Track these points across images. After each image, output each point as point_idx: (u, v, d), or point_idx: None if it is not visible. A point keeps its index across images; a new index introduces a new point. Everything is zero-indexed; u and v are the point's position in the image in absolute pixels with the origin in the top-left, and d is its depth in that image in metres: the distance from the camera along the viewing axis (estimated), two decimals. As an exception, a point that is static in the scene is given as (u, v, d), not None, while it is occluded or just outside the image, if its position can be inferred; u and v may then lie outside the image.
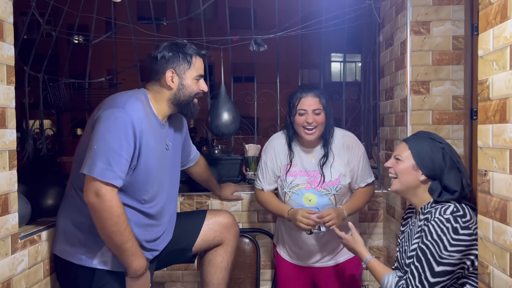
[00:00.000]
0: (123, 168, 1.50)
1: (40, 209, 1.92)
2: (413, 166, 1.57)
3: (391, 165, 1.63)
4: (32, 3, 2.36)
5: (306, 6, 2.86)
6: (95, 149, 1.47)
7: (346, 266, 2.08)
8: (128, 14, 2.86)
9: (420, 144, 1.58)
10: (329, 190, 1.95)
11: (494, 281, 1.12)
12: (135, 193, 1.61)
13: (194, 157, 2.09)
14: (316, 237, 1.99)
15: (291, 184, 1.99)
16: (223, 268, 1.95)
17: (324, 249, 2.03)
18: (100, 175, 1.45)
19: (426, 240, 1.45)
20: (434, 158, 1.54)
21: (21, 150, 2.38)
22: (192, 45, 1.71)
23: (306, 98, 1.92)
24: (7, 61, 1.44)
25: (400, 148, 1.64)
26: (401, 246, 1.67)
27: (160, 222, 1.73)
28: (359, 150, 2.01)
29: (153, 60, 1.67)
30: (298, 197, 1.97)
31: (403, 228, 1.73)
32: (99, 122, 1.52)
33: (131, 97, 1.59)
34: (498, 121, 1.08)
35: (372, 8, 2.56)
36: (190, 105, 1.71)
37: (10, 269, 1.46)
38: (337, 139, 2.00)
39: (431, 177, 1.56)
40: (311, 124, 1.90)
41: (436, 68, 2.10)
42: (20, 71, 1.98)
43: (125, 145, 1.50)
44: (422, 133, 1.67)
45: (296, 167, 2.00)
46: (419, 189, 1.58)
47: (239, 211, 2.53)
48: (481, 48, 1.16)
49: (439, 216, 1.46)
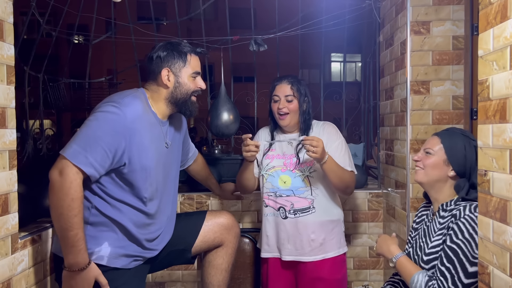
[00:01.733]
0: (98, 157, 1.47)
1: (40, 209, 1.92)
2: (444, 161, 1.53)
3: (420, 158, 1.59)
4: (32, 3, 2.36)
5: (306, 6, 2.86)
6: (78, 133, 1.48)
7: (326, 264, 1.99)
8: (128, 14, 2.86)
9: (454, 139, 1.54)
10: (303, 171, 1.97)
11: (494, 281, 1.12)
12: (137, 192, 1.61)
13: (192, 155, 2.10)
14: (292, 222, 1.96)
15: (267, 166, 2.03)
16: (223, 270, 1.95)
17: (299, 236, 1.96)
18: (71, 156, 1.44)
19: (457, 239, 1.40)
20: (467, 155, 1.50)
21: (21, 150, 2.38)
22: (187, 44, 1.73)
23: (280, 85, 2.00)
24: (7, 61, 1.44)
25: (431, 141, 1.58)
26: (415, 243, 1.62)
27: (157, 221, 1.73)
28: (338, 138, 2.00)
29: (149, 60, 1.69)
30: (274, 179, 2.01)
31: (417, 225, 1.68)
32: (92, 113, 1.53)
33: (129, 95, 1.60)
34: (498, 121, 1.08)
35: (372, 8, 2.56)
36: (188, 103, 1.71)
37: (10, 269, 1.46)
38: (316, 127, 2.04)
39: (460, 174, 1.52)
40: (282, 110, 1.97)
41: (436, 68, 2.10)
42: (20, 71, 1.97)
43: (109, 138, 1.49)
44: (455, 129, 1.61)
45: (274, 151, 2.05)
46: (445, 184, 1.54)
47: (239, 211, 2.53)
48: (481, 48, 1.16)
49: (469, 213, 1.42)
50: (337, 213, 2.05)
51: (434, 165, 1.54)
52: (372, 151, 3.17)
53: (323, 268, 1.98)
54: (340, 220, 2.07)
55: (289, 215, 1.97)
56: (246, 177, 2.08)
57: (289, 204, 1.97)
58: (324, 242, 1.97)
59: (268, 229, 2.05)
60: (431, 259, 1.48)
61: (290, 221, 1.97)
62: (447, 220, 1.49)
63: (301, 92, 1.98)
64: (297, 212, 1.96)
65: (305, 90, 2.02)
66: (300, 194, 1.97)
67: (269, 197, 2.03)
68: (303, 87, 2.01)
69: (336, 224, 2.03)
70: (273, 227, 2.03)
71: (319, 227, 1.97)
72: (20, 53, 2.11)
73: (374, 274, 2.58)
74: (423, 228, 1.63)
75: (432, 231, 1.55)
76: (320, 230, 1.97)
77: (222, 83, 2.63)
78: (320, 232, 1.97)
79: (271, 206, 2.03)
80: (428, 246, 1.51)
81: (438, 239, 1.49)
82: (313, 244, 1.97)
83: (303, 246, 1.97)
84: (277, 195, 2.00)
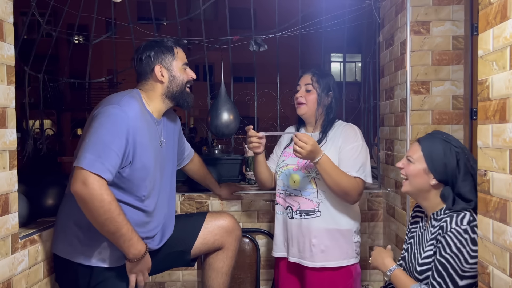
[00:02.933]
0: (112, 162, 1.49)
1: (40, 209, 1.92)
2: (424, 169, 1.48)
3: (403, 166, 1.56)
4: (32, 3, 2.36)
5: (306, 6, 2.86)
6: (87, 142, 1.48)
7: (327, 274, 1.91)
8: (128, 14, 2.86)
9: (434, 146, 1.48)
10: (310, 172, 1.91)
11: (494, 281, 1.12)
12: (135, 190, 1.62)
13: (188, 154, 2.11)
14: (297, 223, 1.92)
15: (281, 163, 2.01)
16: (223, 273, 1.95)
17: (302, 239, 1.91)
18: (88, 165, 1.44)
19: (445, 253, 1.38)
20: (447, 162, 1.45)
21: (21, 150, 2.38)
22: (169, 38, 1.78)
23: (303, 75, 2.01)
24: (7, 61, 1.44)
25: (412, 148, 1.54)
26: (410, 248, 1.60)
27: (155, 219, 1.73)
28: (354, 141, 1.89)
29: (138, 62, 1.71)
30: (285, 176, 1.98)
31: (411, 227, 1.66)
32: (95, 119, 1.54)
33: (126, 95, 1.62)
34: (498, 121, 1.08)
35: (372, 8, 2.56)
36: (184, 94, 1.76)
37: (10, 269, 1.46)
38: (337, 127, 1.97)
39: (443, 182, 1.47)
40: (299, 98, 1.97)
41: (436, 68, 2.10)
42: (20, 71, 1.98)
43: (117, 140, 1.51)
44: (437, 133, 1.54)
45: (291, 149, 1.94)
46: (430, 193, 1.50)
47: (239, 211, 2.53)
48: (481, 48, 1.16)
49: (456, 227, 1.38)
50: (346, 223, 1.91)
51: (415, 174, 1.50)
52: (372, 151, 3.17)
53: (323, 278, 1.90)
54: (351, 231, 1.92)
55: (295, 215, 1.92)
56: (258, 171, 2.04)
57: (296, 205, 1.92)
58: (326, 249, 1.88)
59: (277, 228, 2.02)
60: (424, 270, 1.47)
61: (296, 222, 1.92)
62: (436, 230, 1.47)
63: (321, 85, 1.94)
64: (303, 214, 1.90)
65: (330, 84, 1.96)
66: (307, 196, 1.91)
67: (280, 195, 2.01)
68: (327, 80, 1.96)
69: (345, 234, 1.91)
70: (281, 226, 2.01)
71: (322, 233, 1.88)
72: (20, 53, 2.11)
73: (374, 274, 2.58)
74: (417, 233, 1.61)
75: (425, 240, 1.53)
76: (323, 236, 1.88)
77: (222, 83, 2.63)
78: (323, 239, 1.88)
79: (281, 204, 2.01)
80: (421, 256, 1.50)
81: (429, 250, 1.48)
82: (314, 249, 1.88)
83: (305, 250, 1.90)
84: (287, 193, 1.96)
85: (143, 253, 1.59)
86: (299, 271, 1.99)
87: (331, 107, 1.97)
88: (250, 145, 1.89)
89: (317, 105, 1.95)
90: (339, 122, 2.01)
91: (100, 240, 1.60)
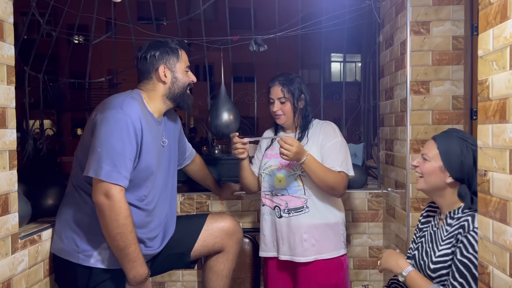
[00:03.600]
0: (128, 168, 1.53)
1: (40, 209, 1.92)
2: (440, 167, 1.46)
3: (418, 164, 1.53)
4: (32, 3, 2.36)
5: (306, 6, 2.86)
6: (99, 152, 1.50)
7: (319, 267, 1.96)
8: (128, 14, 2.86)
9: (450, 144, 1.46)
10: (295, 170, 1.96)
11: (494, 281, 1.12)
12: (137, 191, 1.63)
13: (189, 155, 2.11)
14: (286, 222, 1.96)
15: (265, 165, 2.04)
16: (224, 276, 1.95)
17: (293, 236, 1.94)
18: (107, 177, 1.48)
19: (468, 253, 1.35)
20: (464, 160, 1.43)
21: (21, 150, 2.38)
22: (173, 40, 1.79)
23: (273, 88, 2.01)
24: (7, 61, 1.44)
25: (428, 146, 1.52)
26: (421, 247, 1.58)
27: (156, 218, 1.74)
28: (334, 137, 1.96)
29: (142, 60, 1.71)
30: (270, 178, 2.02)
31: (422, 226, 1.65)
32: (100, 125, 1.54)
33: (127, 97, 1.62)
34: (498, 121, 1.08)
35: (372, 8, 2.56)
36: (184, 96, 1.77)
37: (10, 269, 1.46)
38: (315, 126, 2.04)
39: (459, 180, 1.45)
40: (277, 112, 2.00)
41: (436, 68, 2.10)
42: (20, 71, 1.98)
43: (128, 145, 1.53)
44: (454, 131, 1.51)
45: (272, 151, 2.06)
46: (445, 191, 1.48)
47: (239, 211, 2.53)
48: (481, 48, 1.16)
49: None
50: (333, 217, 1.99)
51: (431, 172, 1.49)
52: (372, 151, 3.17)
53: (316, 271, 1.95)
54: (338, 223, 2.01)
55: (284, 214, 1.96)
56: (243, 176, 2.09)
57: (283, 203, 1.97)
58: (317, 243, 1.94)
59: (265, 228, 2.05)
60: (439, 268, 1.45)
61: (284, 220, 1.97)
62: (455, 229, 1.44)
63: (293, 93, 1.97)
64: (291, 212, 1.95)
65: (300, 88, 1.99)
66: (294, 193, 1.96)
67: (266, 196, 2.04)
68: (296, 85, 1.98)
69: (333, 227, 1.98)
70: (269, 226, 2.03)
71: (312, 228, 1.94)
72: (20, 53, 2.11)
73: (374, 274, 2.58)
74: (429, 232, 1.59)
75: (439, 239, 1.50)
76: (313, 231, 1.94)
77: (222, 83, 2.63)
78: (313, 233, 1.94)
79: (267, 205, 2.04)
80: (436, 254, 1.48)
81: (446, 248, 1.45)
82: (306, 244, 1.93)
83: (296, 246, 1.94)
84: (273, 194, 2.00)
85: (144, 278, 1.58)
86: (290, 269, 2.03)
87: (306, 108, 2.03)
88: (235, 151, 1.96)
89: (294, 113, 2.01)
90: (316, 120, 2.08)
91: (99, 241, 1.60)
